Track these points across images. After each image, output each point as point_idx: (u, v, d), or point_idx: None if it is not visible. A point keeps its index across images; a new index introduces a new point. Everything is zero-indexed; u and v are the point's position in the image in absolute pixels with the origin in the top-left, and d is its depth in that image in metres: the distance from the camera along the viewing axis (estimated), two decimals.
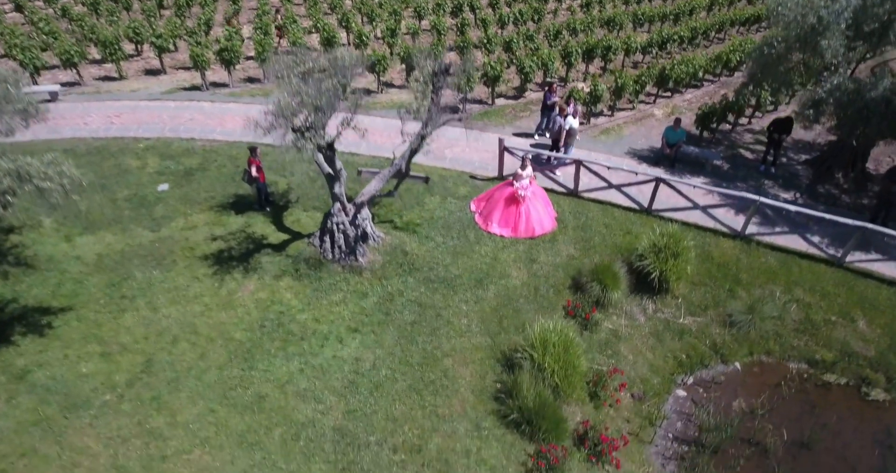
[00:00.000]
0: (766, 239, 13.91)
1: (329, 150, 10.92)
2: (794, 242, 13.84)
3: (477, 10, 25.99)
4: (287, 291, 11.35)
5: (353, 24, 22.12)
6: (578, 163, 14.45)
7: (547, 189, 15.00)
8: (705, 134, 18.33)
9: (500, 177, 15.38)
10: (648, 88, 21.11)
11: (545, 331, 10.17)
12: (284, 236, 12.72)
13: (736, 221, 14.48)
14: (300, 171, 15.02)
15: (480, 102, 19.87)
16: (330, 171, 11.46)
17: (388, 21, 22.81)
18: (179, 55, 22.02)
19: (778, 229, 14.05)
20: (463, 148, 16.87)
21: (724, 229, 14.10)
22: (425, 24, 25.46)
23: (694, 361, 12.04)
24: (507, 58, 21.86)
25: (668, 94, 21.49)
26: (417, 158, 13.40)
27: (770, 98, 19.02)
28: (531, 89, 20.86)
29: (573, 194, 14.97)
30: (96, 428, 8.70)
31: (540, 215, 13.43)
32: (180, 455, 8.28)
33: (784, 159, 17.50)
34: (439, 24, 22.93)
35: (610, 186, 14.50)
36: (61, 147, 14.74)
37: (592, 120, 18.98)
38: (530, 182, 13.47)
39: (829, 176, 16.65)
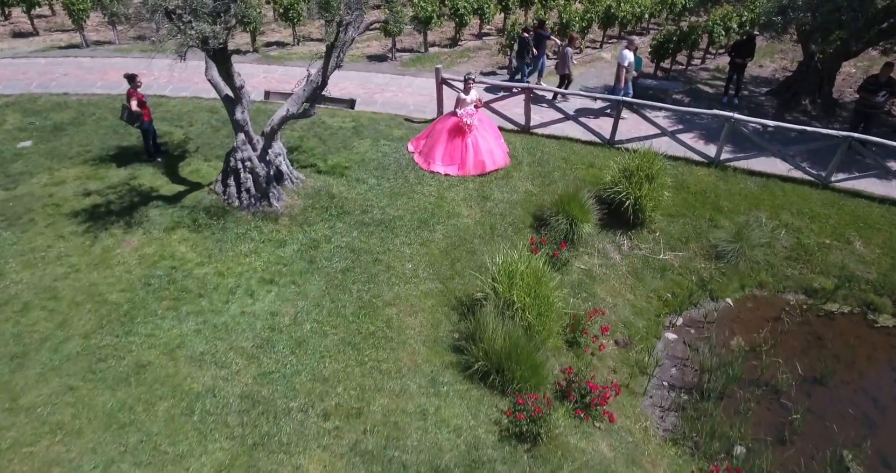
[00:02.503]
0: (743, 164, 12.63)
1: (222, 58, 8.86)
2: (773, 165, 12.62)
3: None
4: (182, 244, 9.17)
5: None
6: (529, 91, 12.84)
7: None
8: (660, 71, 17.13)
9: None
10: (594, 35, 19.86)
11: (510, 262, 8.39)
12: (179, 188, 10.51)
13: (708, 148, 13.16)
14: (201, 120, 12.93)
15: (411, 50, 18.09)
16: (227, 91, 9.40)
17: None
18: (57, 18, 19.35)
19: (755, 152, 12.82)
20: (395, 92, 15.02)
21: (697, 157, 12.76)
22: None
23: (681, 300, 10.51)
24: (440, 3, 20.21)
25: (615, 40, 20.32)
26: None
27: (723, 32, 18.04)
28: (466, 39, 19.26)
29: (524, 130, 13.34)
30: None
31: (490, 146, 11.70)
32: (19, 447, 6.05)
33: (745, 92, 16.45)
34: None
35: (567, 117, 12.95)
36: None
37: None
38: (476, 108, 11.75)
39: (796, 103, 15.66)
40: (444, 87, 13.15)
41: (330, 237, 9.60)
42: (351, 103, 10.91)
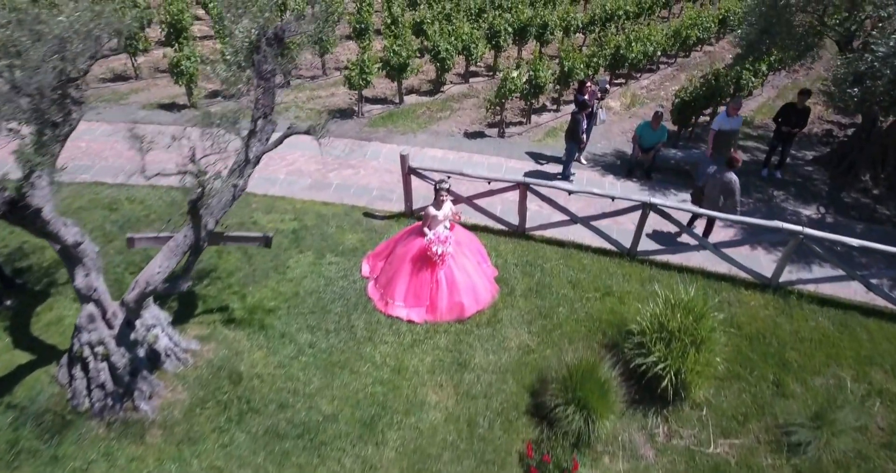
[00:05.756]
0: (810, 287, 8.91)
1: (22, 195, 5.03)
2: (849, 288, 8.90)
3: None
4: None
5: None
6: (524, 187, 9.01)
7: (478, 228, 9.52)
8: (684, 127, 13.28)
9: (410, 214, 9.79)
10: (599, 73, 15.95)
11: None
12: (20, 360, 6.72)
13: (758, 259, 9.44)
14: (93, 222, 9.11)
15: (384, 100, 14.15)
16: (64, 239, 5.58)
17: None
18: None
19: (824, 272, 9.08)
20: (356, 168, 11.15)
21: (745, 274, 9.02)
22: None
23: None
24: (419, 43, 16.24)
25: (623, 80, 16.41)
26: (261, 184, 7.67)
27: (752, 79, 14.17)
28: (451, 82, 15.33)
29: (519, 232, 9.55)
30: None
31: (471, 279, 7.88)
32: None
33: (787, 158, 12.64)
34: (331, 4, 17.03)
35: (574, 219, 9.15)
36: None
37: (534, 118, 13.61)
38: (451, 227, 7.94)
39: (854, 178, 11.86)
40: (413, 176, 9.32)
41: (221, 470, 5.83)
42: (265, 241, 7.06)
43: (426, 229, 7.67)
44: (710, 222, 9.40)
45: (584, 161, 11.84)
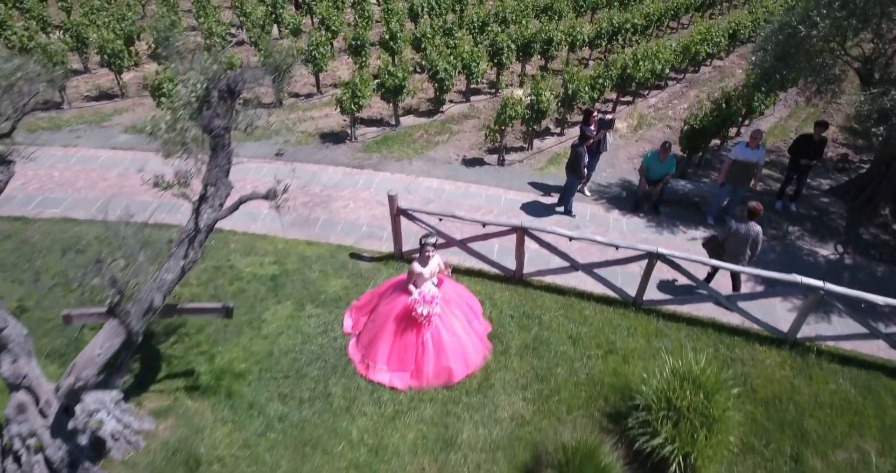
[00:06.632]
0: (829, 344, 8.05)
1: None
2: (872, 345, 8.04)
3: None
4: None
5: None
6: (522, 232, 8.18)
7: (471, 272, 8.72)
8: (691, 156, 12.39)
9: (400, 256, 8.99)
10: (605, 95, 15.08)
11: None
12: None
13: (773, 308, 8.59)
14: (53, 265, 8.40)
15: (379, 122, 13.34)
16: None
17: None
18: None
19: (845, 324, 8.21)
20: (346, 200, 10.37)
21: (758, 328, 8.16)
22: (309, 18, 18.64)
23: None
24: (418, 59, 15.42)
25: (630, 98, 15.52)
26: (242, 220, 6.95)
27: (764, 101, 13.25)
28: (451, 101, 14.49)
29: (516, 278, 8.74)
30: None
31: (460, 341, 7.07)
32: None
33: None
34: (329, 18, 16.22)
35: (575, 266, 8.32)
36: None
37: (536, 142, 12.76)
38: (439, 284, 7.13)
39: (872, 212, 10.96)
40: (403, 218, 8.51)
41: None
42: (225, 312, 6.24)
43: (411, 287, 6.87)
44: (737, 278, 8.53)
45: (587, 193, 10.99)
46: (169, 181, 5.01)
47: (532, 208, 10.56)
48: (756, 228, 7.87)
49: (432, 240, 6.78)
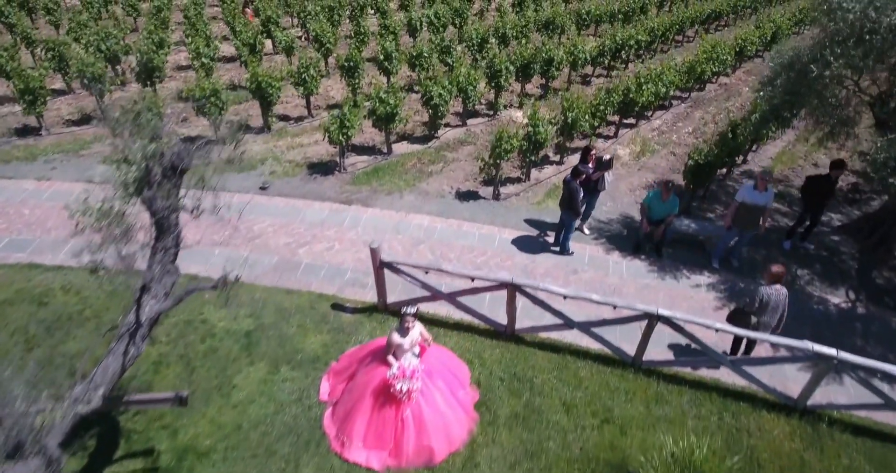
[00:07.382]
0: (841, 412, 7.41)
1: None
2: (886, 415, 7.39)
3: (385, 15, 18.64)
4: None
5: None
6: (513, 288, 7.56)
7: (460, 326, 8.10)
8: (696, 191, 11.71)
9: (384, 308, 8.38)
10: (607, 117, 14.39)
11: None
12: None
13: (782, 369, 7.94)
14: (15, 321, 7.84)
15: (371, 149, 12.71)
16: None
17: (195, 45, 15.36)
18: None
19: (857, 391, 7.56)
20: (331, 241, 9.76)
21: (764, 393, 7.52)
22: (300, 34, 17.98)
23: None
24: (415, 77, 14.78)
25: (633, 120, 14.84)
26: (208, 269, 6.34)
27: (772, 130, 12.54)
28: (447, 124, 13.85)
29: (507, 334, 8.12)
30: None
31: (443, 418, 6.45)
32: None
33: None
34: (323, 35, 15.59)
35: (570, 325, 7.70)
36: None
37: (534, 172, 12.10)
38: (420, 354, 6.52)
39: (886, 254, 10.28)
40: (385, 270, 7.90)
41: None
42: (179, 401, 5.63)
43: (391, 359, 6.27)
44: (752, 343, 7.90)
45: (586, 231, 10.35)
46: (109, 268, 4.43)
47: (528, 247, 9.93)
48: (784, 291, 7.25)
49: (412, 310, 6.17)
